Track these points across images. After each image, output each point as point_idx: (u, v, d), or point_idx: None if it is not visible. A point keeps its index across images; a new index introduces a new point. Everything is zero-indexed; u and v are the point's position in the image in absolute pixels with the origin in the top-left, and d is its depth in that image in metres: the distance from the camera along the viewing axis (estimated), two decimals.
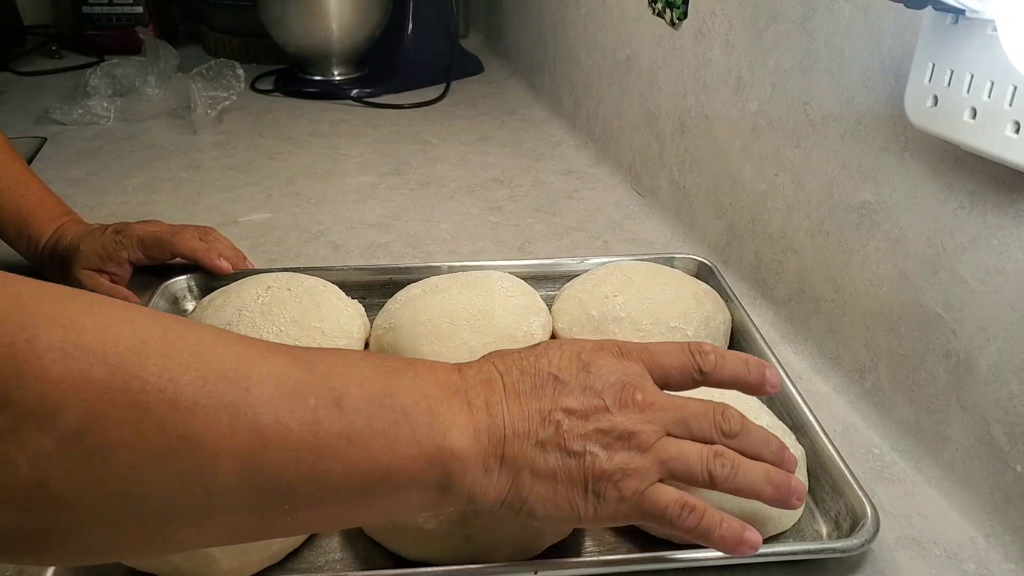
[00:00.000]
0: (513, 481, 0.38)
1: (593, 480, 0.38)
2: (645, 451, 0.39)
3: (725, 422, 0.41)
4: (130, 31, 1.42)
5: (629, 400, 0.39)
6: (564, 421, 0.38)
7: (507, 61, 1.55)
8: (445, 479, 0.36)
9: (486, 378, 0.39)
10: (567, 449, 0.38)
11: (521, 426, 0.38)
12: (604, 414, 0.39)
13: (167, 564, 0.45)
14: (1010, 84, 0.45)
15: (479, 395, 0.38)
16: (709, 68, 0.81)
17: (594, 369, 0.40)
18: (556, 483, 0.38)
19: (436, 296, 0.65)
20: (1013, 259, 0.48)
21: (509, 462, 0.37)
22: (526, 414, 0.38)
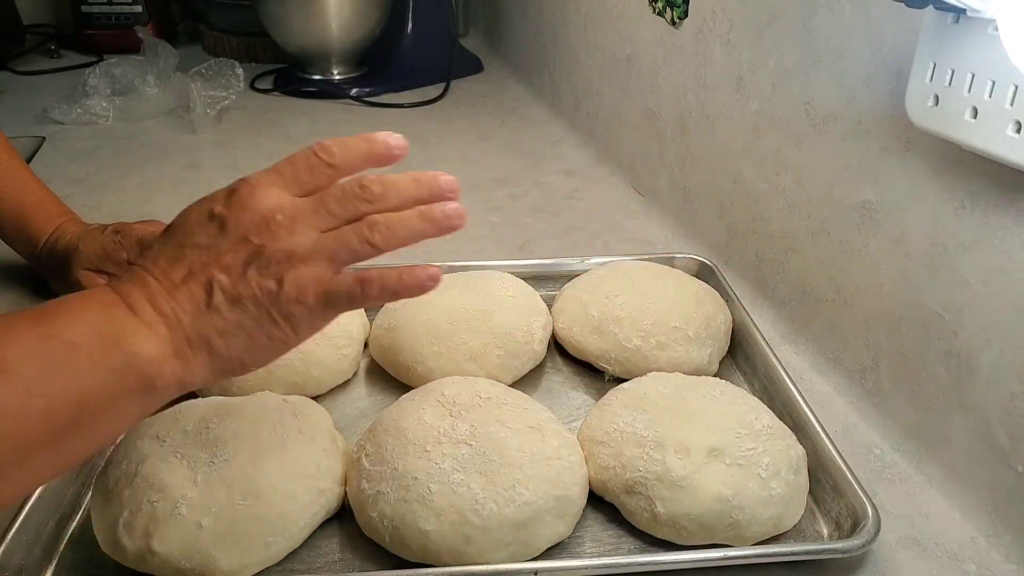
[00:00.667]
0: (209, 351, 0.40)
1: (275, 307, 0.40)
2: (307, 259, 0.41)
3: (365, 191, 0.43)
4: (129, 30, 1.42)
5: (273, 226, 0.41)
6: (223, 278, 0.40)
7: (507, 60, 1.55)
8: (145, 381, 0.38)
9: (137, 281, 0.41)
10: (238, 297, 0.40)
11: (188, 304, 0.40)
12: (257, 252, 0.40)
13: (167, 565, 0.45)
14: (1011, 84, 0.45)
15: (139, 297, 0.40)
16: (710, 67, 0.81)
17: (231, 220, 0.41)
18: (245, 330, 0.40)
19: (436, 296, 0.64)
20: (1014, 259, 0.48)
21: (196, 340, 0.40)
22: (189, 292, 0.40)
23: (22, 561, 0.46)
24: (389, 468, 0.49)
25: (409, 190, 0.45)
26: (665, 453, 0.50)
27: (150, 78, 1.25)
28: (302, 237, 0.41)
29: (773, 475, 0.50)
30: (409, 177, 0.46)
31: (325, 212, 0.42)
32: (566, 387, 0.65)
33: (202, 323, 0.40)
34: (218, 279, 0.40)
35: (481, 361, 0.61)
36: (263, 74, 1.44)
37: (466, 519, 0.46)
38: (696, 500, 0.48)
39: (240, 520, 0.46)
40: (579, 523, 0.51)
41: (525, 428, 0.51)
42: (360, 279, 0.42)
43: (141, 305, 0.39)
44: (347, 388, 0.64)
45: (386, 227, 0.43)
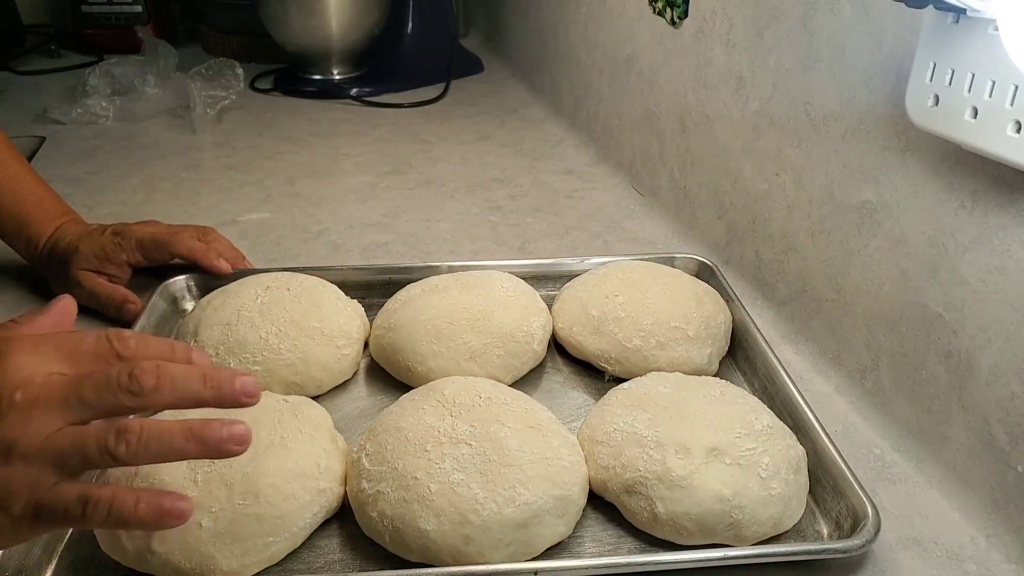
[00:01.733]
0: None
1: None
2: (29, 458, 0.34)
3: (132, 381, 0.35)
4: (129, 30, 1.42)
5: (5, 405, 0.34)
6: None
7: (507, 60, 1.55)
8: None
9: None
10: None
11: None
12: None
13: (167, 565, 0.45)
14: (1011, 83, 0.45)
15: None
16: (710, 67, 0.81)
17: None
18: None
19: (436, 296, 0.65)
20: (1014, 259, 0.48)
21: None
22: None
23: (22, 561, 0.46)
24: (389, 468, 0.49)
25: (191, 387, 0.37)
26: (665, 453, 0.50)
27: (150, 78, 1.25)
28: (34, 426, 0.34)
29: (773, 475, 0.50)
30: (197, 372, 0.38)
31: (76, 400, 0.35)
32: (566, 387, 0.65)
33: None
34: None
35: (481, 361, 0.61)
36: (263, 74, 1.44)
37: (466, 519, 0.46)
38: (696, 500, 0.48)
39: (240, 520, 0.46)
40: (579, 523, 0.51)
41: (525, 428, 0.51)
42: (84, 498, 0.35)
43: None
44: (347, 388, 0.64)
45: (138, 439, 0.35)
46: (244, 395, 0.38)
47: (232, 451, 0.37)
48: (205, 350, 0.60)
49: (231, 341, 0.60)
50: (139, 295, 0.70)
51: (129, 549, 0.45)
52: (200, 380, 0.37)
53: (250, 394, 0.38)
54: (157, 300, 0.70)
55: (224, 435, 0.37)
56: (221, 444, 0.37)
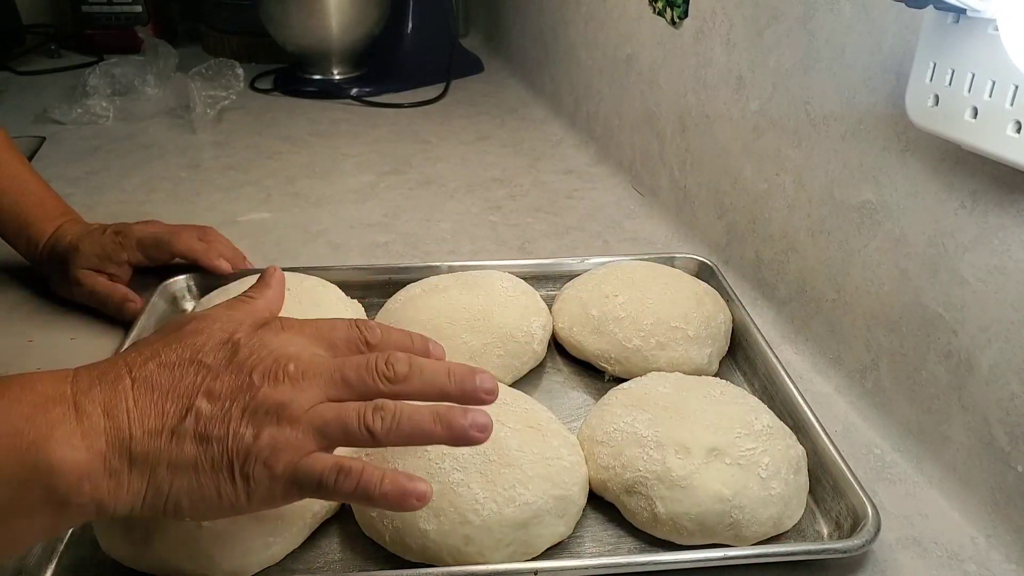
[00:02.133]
0: (149, 479, 0.36)
1: (240, 462, 0.36)
2: (296, 422, 0.37)
3: (388, 368, 0.39)
4: (129, 30, 1.42)
5: (281, 373, 0.37)
6: (204, 407, 0.36)
7: (507, 60, 1.55)
8: (53, 495, 0.34)
9: (108, 378, 0.37)
10: (206, 435, 0.36)
11: (153, 422, 0.36)
12: (250, 392, 0.37)
13: (167, 565, 0.45)
14: (1011, 83, 0.45)
15: (94, 398, 0.36)
16: (710, 67, 0.81)
17: (245, 349, 0.38)
18: (198, 473, 0.36)
19: (436, 296, 0.65)
20: (1014, 259, 0.48)
21: (140, 461, 0.35)
22: (160, 408, 0.36)
23: (22, 561, 0.46)
24: (389, 468, 0.49)
25: (438, 380, 0.40)
26: (665, 453, 0.50)
27: (150, 78, 1.25)
28: (303, 395, 0.37)
29: (773, 475, 0.50)
30: (443, 366, 0.41)
31: (340, 378, 0.39)
32: (566, 387, 0.65)
33: (156, 446, 0.35)
34: (198, 405, 0.36)
35: (481, 361, 0.61)
36: (263, 74, 1.44)
37: (466, 519, 0.46)
38: (696, 500, 0.48)
39: (240, 520, 0.46)
40: (579, 523, 0.51)
41: (525, 428, 0.51)
42: (339, 468, 0.37)
43: (91, 407, 0.35)
44: None
45: (393, 417, 0.38)
46: (484, 392, 0.41)
47: (475, 438, 0.39)
48: None
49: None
50: (140, 295, 0.70)
51: (129, 549, 0.45)
52: (446, 374, 0.40)
53: (489, 391, 0.41)
54: (157, 300, 0.70)
55: (468, 422, 0.39)
56: (465, 431, 0.39)
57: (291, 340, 0.39)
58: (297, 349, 0.39)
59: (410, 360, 0.40)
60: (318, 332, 0.41)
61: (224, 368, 0.37)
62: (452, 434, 0.39)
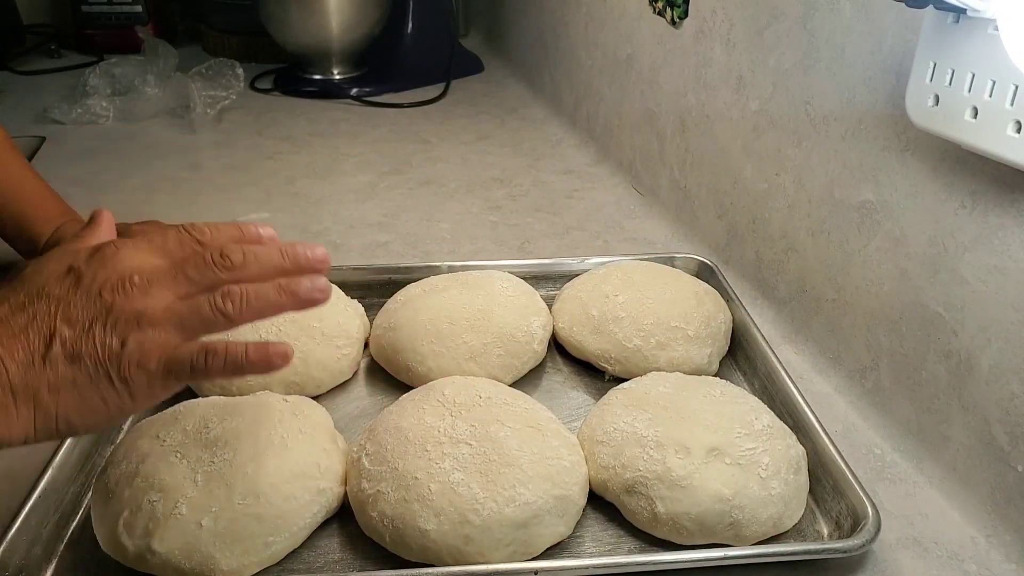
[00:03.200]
0: (35, 406, 0.38)
1: (115, 368, 0.39)
2: (156, 323, 0.40)
3: (224, 259, 0.42)
4: (129, 30, 1.42)
5: (128, 286, 0.40)
6: (66, 330, 0.39)
7: (507, 60, 1.55)
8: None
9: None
10: (76, 353, 0.38)
11: (21, 355, 0.38)
12: (105, 308, 0.39)
13: (167, 565, 0.45)
14: (1011, 83, 0.45)
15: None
16: (710, 67, 0.81)
17: (88, 273, 0.40)
18: (78, 388, 0.39)
19: (436, 296, 0.65)
20: (1014, 259, 0.48)
21: (21, 392, 0.38)
22: (24, 342, 0.38)
23: (22, 561, 0.46)
24: (389, 468, 0.49)
25: (273, 260, 0.44)
26: (665, 453, 0.50)
27: (150, 78, 1.25)
28: (155, 300, 0.40)
29: (773, 475, 0.50)
30: (275, 248, 0.44)
31: (183, 277, 0.41)
32: (566, 387, 0.65)
33: (33, 375, 0.38)
34: (60, 331, 0.39)
35: (481, 361, 0.61)
36: (263, 74, 1.44)
37: (466, 519, 0.46)
38: (696, 500, 0.48)
39: (240, 520, 0.46)
40: (579, 523, 0.51)
41: (525, 428, 0.51)
42: (206, 350, 0.41)
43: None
44: (347, 388, 0.64)
45: (241, 297, 0.41)
46: (316, 261, 0.44)
47: (318, 299, 0.43)
48: None
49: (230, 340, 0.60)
50: None
51: (129, 549, 0.45)
52: (279, 254, 0.44)
53: (320, 259, 0.44)
54: None
55: (309, 285, 0.43)
56: (307, 294, 0.43)
57: (128, 256, 0.41)
58: (137, 262, 0.41)
59: (243, 249, 0.43)
60: (151, 244, 0.43)
61: (73, 294, 0.40)
62: (298, 300, 0.43)
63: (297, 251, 0.44)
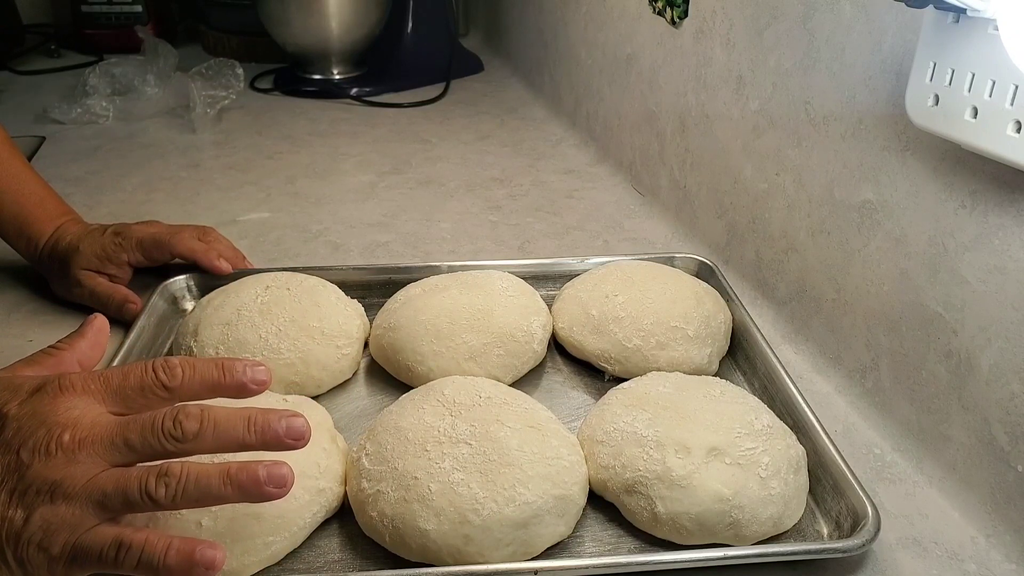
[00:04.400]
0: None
1: (11, 548, 0.34)
2: (71, 497, 0.34)
3: (176, 427, 0.36)
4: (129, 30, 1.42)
5: (53, 447, 0.35)
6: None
7: (507, 60, 1.55)
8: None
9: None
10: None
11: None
12: (19, 472, 0.34)
13: None
14: (1011, 83, 0.45)
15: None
16: (710, 67, 0.81)
17: (12, 424, 0.35)
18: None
19: (436, 296, 0.65)
20: (1014, 259, 0.48)
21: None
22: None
23: None
24: (389, 468, 0.49)
25: (235, 432, 0.37)
26: (665, 453, 0.50)
27: (150, 78, 1.25)
28: (80, 468, 0.35)
29: (773, 475, 0.50)
30: (241, 416, 0.38)
31: (122, 443, 0.36)
32: (566, 387, 0.65)
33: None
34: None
35: (481, 361, 0.61)
36: (263, 74, 1.44)
37: (466, 519, 0.46)
38: (696, 500, 0.48)
39: (240, 520, 0.46)
40: (579, 523, 0.51)
41: (525, 428, 0.51)
42: (118, 542, 0.35)
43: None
44: (347, 388, 0.64)
45: (178, 481, 0.36)
46: (290, 438, 0.38)
47: (271, 495, 0.37)
48: (207, 353, 0.60)
49: (231, 341, 0.60)
50: (139, 295, 0.70)
51: None
52: (244, 425, 0.38)
53: (297, 436, 0.38)
54: (157, 300, 0.70)
55: (262, 477, 0.37)
56: (259, 487, 0.37)
57: (71, 404, 0.36)
58: (77, 414, 0.36)
59: (202, 415, 0.37)
60: (106, 386, 0.37)
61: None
62: (244, 494, 0.37)
63: (268, 423, 0.38)
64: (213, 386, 0.39)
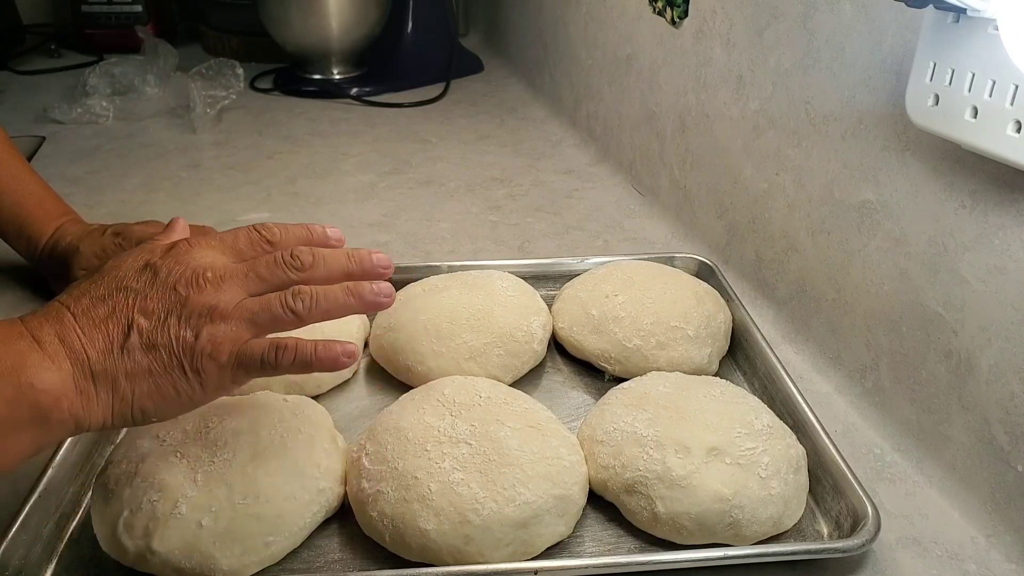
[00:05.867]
0: (113, 391, 0.40)
1: (188, 359, 0.41)
2: (228, 318, 0.42)
3: (294, 259, 0.44)
4: (129, 30, 1.42)
5: (201, 281, 0.42)
6: (143, 321, 0.41)
7: (507, 60, 1.55)
8: (39, 413, 0.38)
9: (51, 316, 0.41)
10: (152, 344, 0.40)
11: (102, 343, 0.40)
12: (180, 302, 0.41)
13: (167, 564, 0.45)
14: (1011, 83, 0.45)
15: (48, 331, 0.40)
16: (710, 67, 0.81)
17: (164, 270, 0.42)
18: (154, 377, 0.40)
19: (436, 295, 0.65)
20: (1014, 258, 0.48)
21: (101, 377, 0.40)
22: (104, 331, 0.40)
23: (22, 561, 0.46)
24: (389, 468, 0.49)
25: (339, 263, 0.46)
26: (665, 452, 0.50)
27: (150, 78, 1.25)
28: (227, 295, 0.42)
29: (773, 475, 0.50)
30: (342, 251, 0.46)
31: (254, 275, 0.43)
32: (566, 387, 0.65)
33: (111, 362, 0.40)
34: (138, 321, 0.40)
35: (481, 360, 0.61)
36: (263, 74, 1.44)
37: (466, 518, 0.46)
38: (696, 499, 0.48)
39: (240, 520, 0.46)
40: (579, 523, 0.51)
41: (525, 427, 0.51)
42: (276, 345, 0.42)
43: (48, 338, 0.39)
44: (347, 388, 0.64)
45: (311, 297, 0.43)
46: (381, 267, 0.46)
47: (383, 303, 0.45)
48: None
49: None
50: None
51: (129, 549, 0.45)
52: (345, 257, 0.46)
53: (385, 266, 0.46)
54: None
55: (376, 289, 0.45)
56: (374, 297, 0.45)
57: (202, 253, 0.43)
58: (210, 259, 0.43)
59: (312, 251, 0.45)
60: (223, 243, 0.45)
61: (150, 288, 0.42)
62: (364, 302, 0.45)
63: (363, 256, 0.46)
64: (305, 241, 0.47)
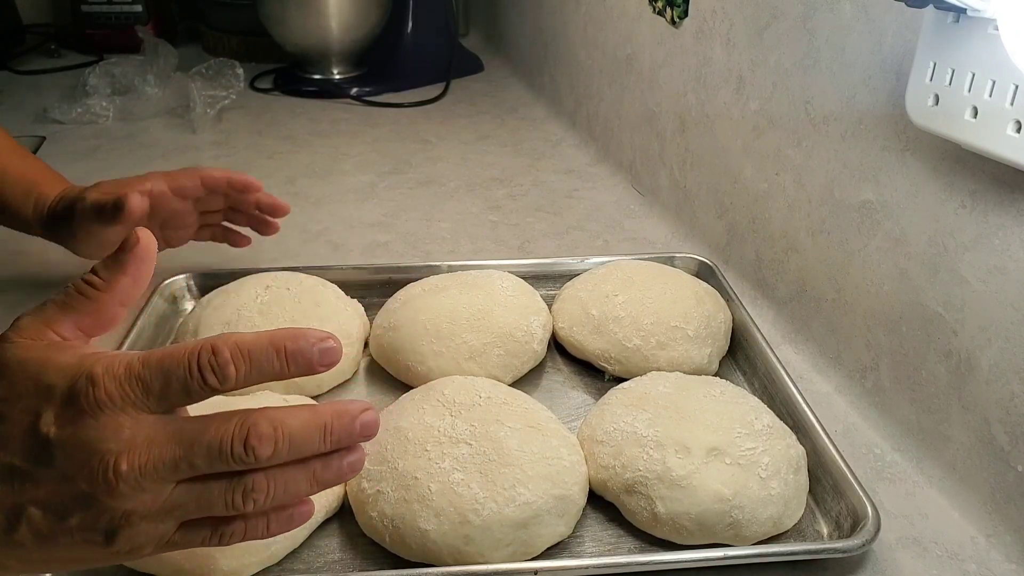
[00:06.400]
0: None
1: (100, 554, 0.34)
2: (149, 518, 0.34)
3: (248, 452, 0.33)
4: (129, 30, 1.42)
5: (111, 476, 0.32)
6: (36, 515, 0.33)
7: (507, 60, 1.55)
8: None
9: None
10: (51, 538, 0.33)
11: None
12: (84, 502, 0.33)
13: (167, 564, 0.45)
14: (1011, 83, 0.45)
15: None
16: (710, 67, 0.81)
17: (60, 453, 0.32)
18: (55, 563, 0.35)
19: (436, 295, 0.65)
20: (1014, 258, 0.48)
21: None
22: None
23: None
24: (389, 468, 0.49)
25: (311, 445, 0.35)
26: (665, 453, 0.50)
27: (150, 78, 1.25)
28: (147, 496, 0.33)
29: (773, 475, 0.50)
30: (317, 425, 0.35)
31: (187, 466, 0.33)
32: (566, 387, 0.65)
33: None
34: (30, 513, 0.32)
35: (481, 360, 0.61)
36: (263, 74, 1.43)
37: (466, 519, 0.46)
38: (696, 500, 0.48)
39: None
40: (579, 523, 0.51)
41: (525, 428, 0.51)
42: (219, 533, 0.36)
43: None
44: (347, 388, 0.64)
45: (265, 495, 0.35)
46: (363, 437, 0.37)
47: (348, 478, 0.39)
48: None
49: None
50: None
51: None
52: (320, 435, 0.35)
53: (369, 433, 0.37)
54: (157, 299, 0.70)
55: (345, 467, 0.37)
56: (339, 478, 0.37)
57: (116, 424, 0.33)
58: (127, 435, 0.33)
59: (275, 430, 0.34)
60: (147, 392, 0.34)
61: (43, 474, 0.33)
62: (328, 486, 0.38)
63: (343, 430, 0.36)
64: (276, 375, 0.36)
